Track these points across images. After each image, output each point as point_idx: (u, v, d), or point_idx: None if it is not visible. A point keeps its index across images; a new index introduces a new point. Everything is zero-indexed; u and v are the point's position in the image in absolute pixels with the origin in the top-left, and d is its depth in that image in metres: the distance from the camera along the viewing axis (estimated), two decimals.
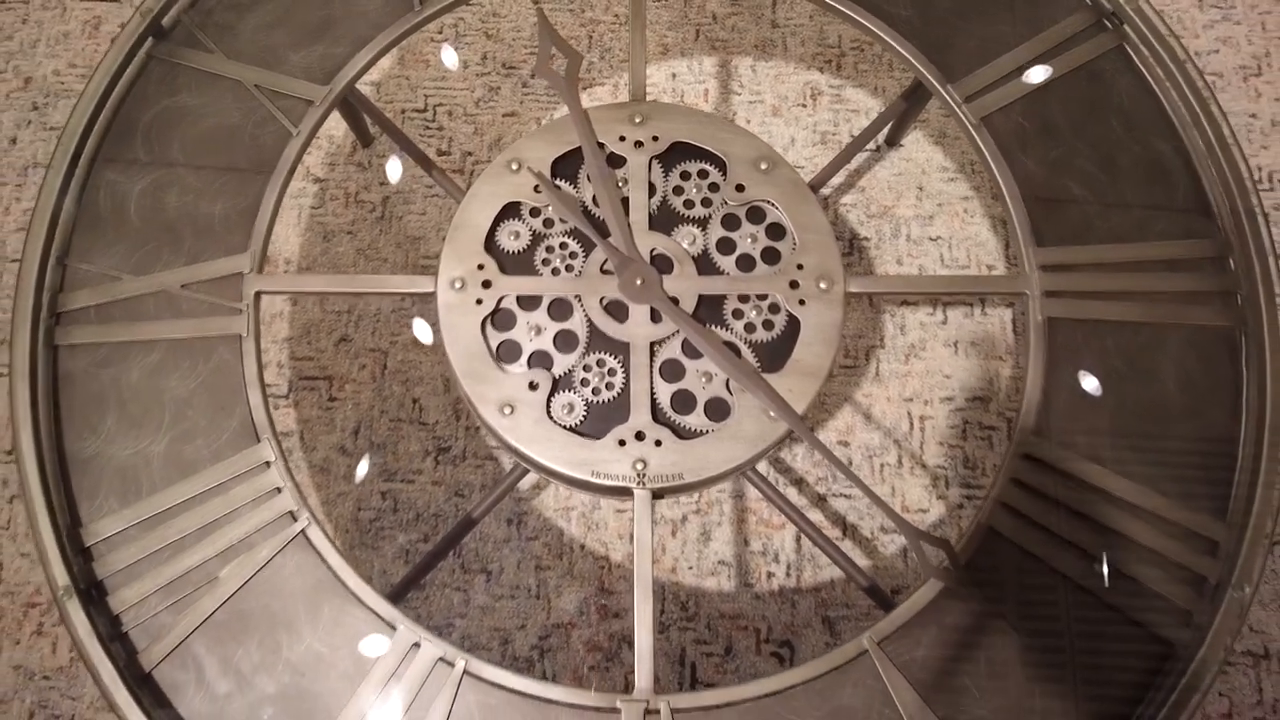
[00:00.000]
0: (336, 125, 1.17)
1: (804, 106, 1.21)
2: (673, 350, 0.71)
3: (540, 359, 0.71)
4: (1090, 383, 0.70)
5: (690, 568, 1.04)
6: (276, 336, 1.11)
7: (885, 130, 1.17)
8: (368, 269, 1.13)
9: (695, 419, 0.69)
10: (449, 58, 1.21)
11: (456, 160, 1.18)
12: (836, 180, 1.18)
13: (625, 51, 1.23)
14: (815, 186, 0.79)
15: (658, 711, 0.62)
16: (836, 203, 1.17)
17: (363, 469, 1.05)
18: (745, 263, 0.73)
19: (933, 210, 1.16)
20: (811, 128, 1.20)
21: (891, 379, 1.10)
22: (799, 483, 1.07)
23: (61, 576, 0.64)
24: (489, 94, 1.21)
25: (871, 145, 1.19)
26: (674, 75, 1.23)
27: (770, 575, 1.04)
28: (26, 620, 1.02)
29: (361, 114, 1.12)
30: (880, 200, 1.17)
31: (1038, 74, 0.77)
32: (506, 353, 0.71)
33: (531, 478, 1.06)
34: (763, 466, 1.07)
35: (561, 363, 0.71)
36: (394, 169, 1.16)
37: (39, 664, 1.00)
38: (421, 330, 1.11)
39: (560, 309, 0.72)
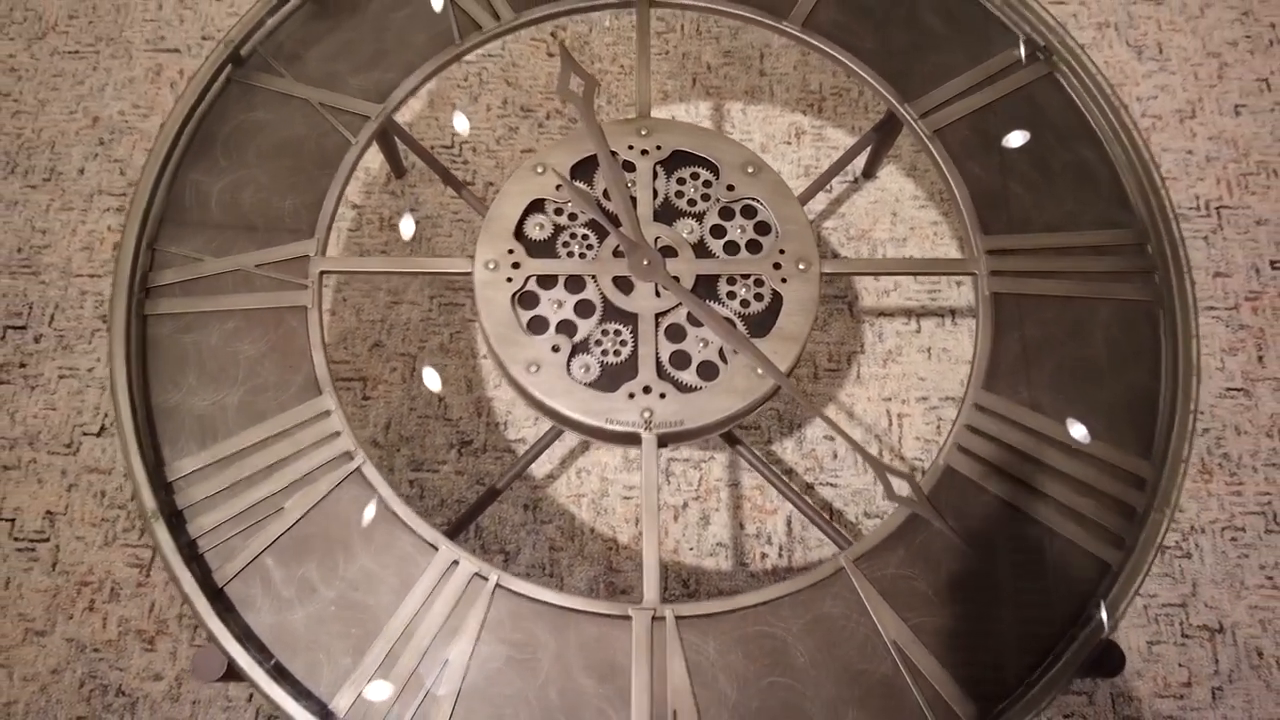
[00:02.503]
0: (373, 158, 1.31)
1: (789, 144, 1.35)
2: (676, 319, 0.83)
3: (564, 327, 0.83)
4: (1031, 346, 0.82)
5: (691, 549, 1.14)
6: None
7: (863, 163, 1.32)
8: (399, 284, 1.25)
9: (689, 376, 0.81)
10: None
11: (480, 189, 1.32)
12: (820, 207, 1.31)
13: (631, 97, 1.39)
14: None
15: (663, 618, 0.72)
16: (819, 226, 1.30)
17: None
18: (735, 249, 0.86)
19: (905, 233, 1.30)
20: (796, 162, 1.34)
21: (871, 381, 1.22)
22: (789, 473, 1.17)
23: (150, 502, 0.74)
24: (509, 133, 1.36)
25: (850, 177, 1.33)
26: (673, 117, 1.37)
27: (764, 556, 1.13)
28: (79, 598, 1.11)
29: (397, 147, 1.26)
30: (858, 225, 1.30)
31: (983, 95, 0.91)
32: (534, 326, 0.83)
33: (546, 465, 1.17)
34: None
35: (581, 330, 0.82)
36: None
37: (90, 638, 1.09)
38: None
39: (576, 285, 0.84)
